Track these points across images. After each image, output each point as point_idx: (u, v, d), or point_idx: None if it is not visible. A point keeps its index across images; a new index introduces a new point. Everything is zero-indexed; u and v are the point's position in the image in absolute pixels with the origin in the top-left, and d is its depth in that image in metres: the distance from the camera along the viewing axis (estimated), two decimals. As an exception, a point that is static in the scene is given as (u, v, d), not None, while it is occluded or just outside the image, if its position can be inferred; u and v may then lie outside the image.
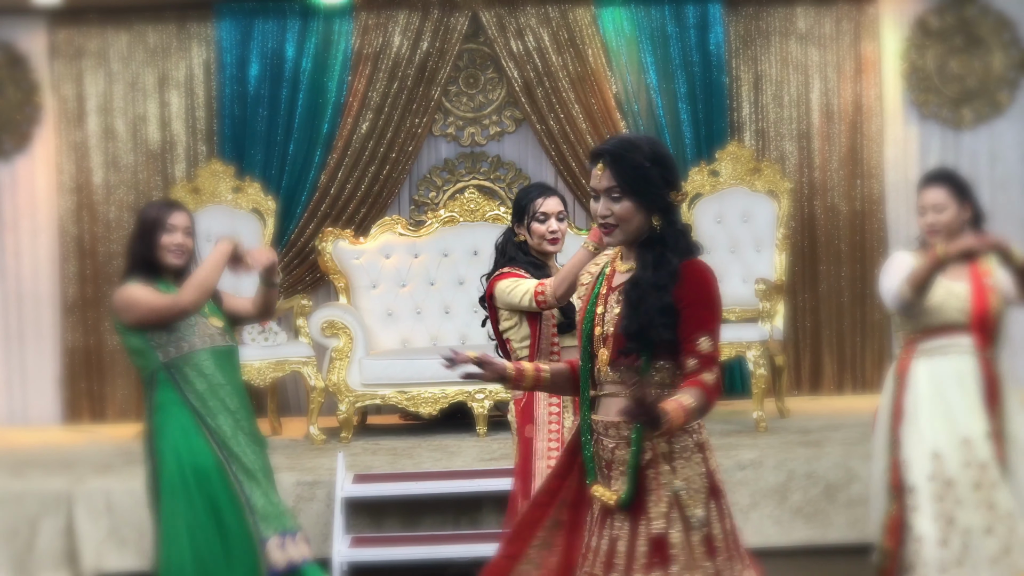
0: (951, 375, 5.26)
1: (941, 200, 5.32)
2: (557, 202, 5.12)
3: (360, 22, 9.81)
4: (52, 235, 9.87)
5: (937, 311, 5.26)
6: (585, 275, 3.91)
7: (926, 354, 5.31)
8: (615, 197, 3.70)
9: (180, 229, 5.26)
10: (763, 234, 9.21)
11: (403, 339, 9.14)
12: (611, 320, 3.74)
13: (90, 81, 9.93)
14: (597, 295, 3.80)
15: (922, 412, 5.24)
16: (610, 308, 3.76)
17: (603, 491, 3.74)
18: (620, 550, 3.71)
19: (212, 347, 5.26)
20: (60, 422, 9.83)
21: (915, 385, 5.29)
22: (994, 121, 9.96)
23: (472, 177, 10.08)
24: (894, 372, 5.42)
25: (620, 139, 3.83)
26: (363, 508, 7.21)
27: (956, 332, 5.28)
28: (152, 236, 5.23)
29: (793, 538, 7.15)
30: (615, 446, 3.76)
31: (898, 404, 5.32)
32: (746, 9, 10.00)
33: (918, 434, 5.21)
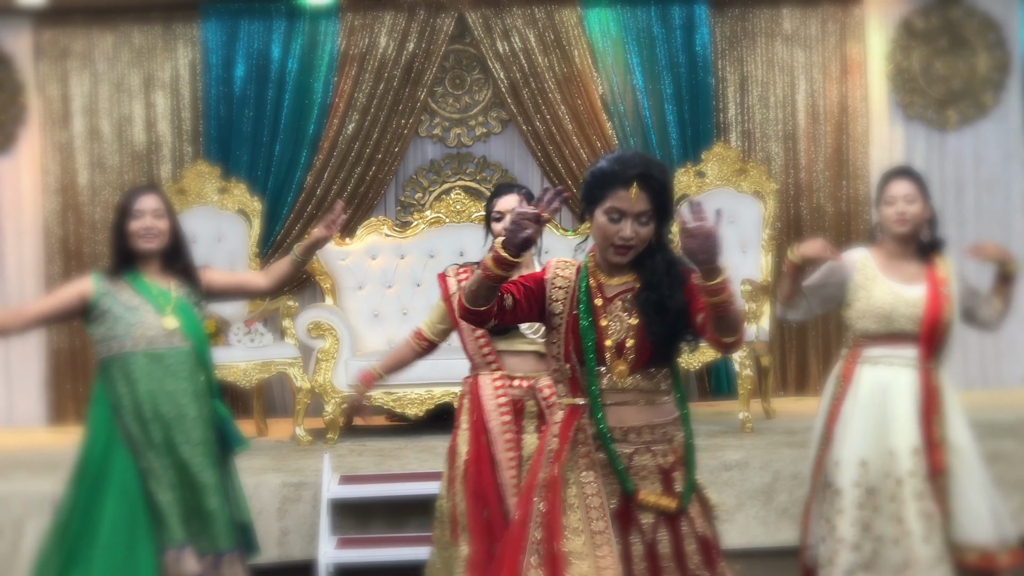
0: (890, 386, 5.28)
1: (911, 192, 5.34)
2: (513, 199, 5.09)
3: (346, 23, 9.80)
4: (37, 236, 9.85)
5: (886, 319, 5.28)
6: (556, 291, 3.86)
7: (870, 362, 5.34)
8: (644, 221, 3.74)
9: (148, 212, 5.18)
10: (749, 235, 9.22)
11: (389, 340, 9.13)
12: (624, 331, 3.76)
13: (75, 82, 9.92)
14: (590, 308, 3.79)
15: (857, 419, 5.28)
16: (617, 320, 3.77)
17: (658, 498, 3.77)
18: (663, 552, 3.76)
19: (149, 350, 5.19)
20: (45, 424, 9.81)
21: (855, 391, 5.32)
22: (979, 122, 9.99)
23: (458, 178, 10.09)
24: (838, 374, 5.44)
25: (648, 160, 3.77)
26: (349, 509, 7.20)
27: (903, 342, 5.29)
28: (122, 224, 5.20)
29: (779, 539, 7.15)
30: (634, 451, 3.79)
31: (836, 406, 5.37)
32: (732, 10, 10.02)
33: (851, 439, 5.26)
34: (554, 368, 3.87)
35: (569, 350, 3.80)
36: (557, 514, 3.75)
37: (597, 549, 3.71)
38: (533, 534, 3.77)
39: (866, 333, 5.34)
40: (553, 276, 3.88)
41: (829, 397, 5.44)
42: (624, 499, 3.79)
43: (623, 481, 3.76)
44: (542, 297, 3.85)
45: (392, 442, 8.42)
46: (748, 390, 8.37)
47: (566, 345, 3.80)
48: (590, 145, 9.73)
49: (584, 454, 3.80)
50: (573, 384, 3.83)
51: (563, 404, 3.86)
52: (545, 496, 3.79)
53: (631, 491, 3.76)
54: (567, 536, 3.72)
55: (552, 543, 3.73)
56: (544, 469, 3.84)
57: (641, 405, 3.80)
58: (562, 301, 3.83)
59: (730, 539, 7.04)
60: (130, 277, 5.22)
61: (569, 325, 3.81)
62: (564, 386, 3.86)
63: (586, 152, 9.71)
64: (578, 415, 3.82)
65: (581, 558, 3.70)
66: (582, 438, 3.80)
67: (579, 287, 3.83)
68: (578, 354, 3.78)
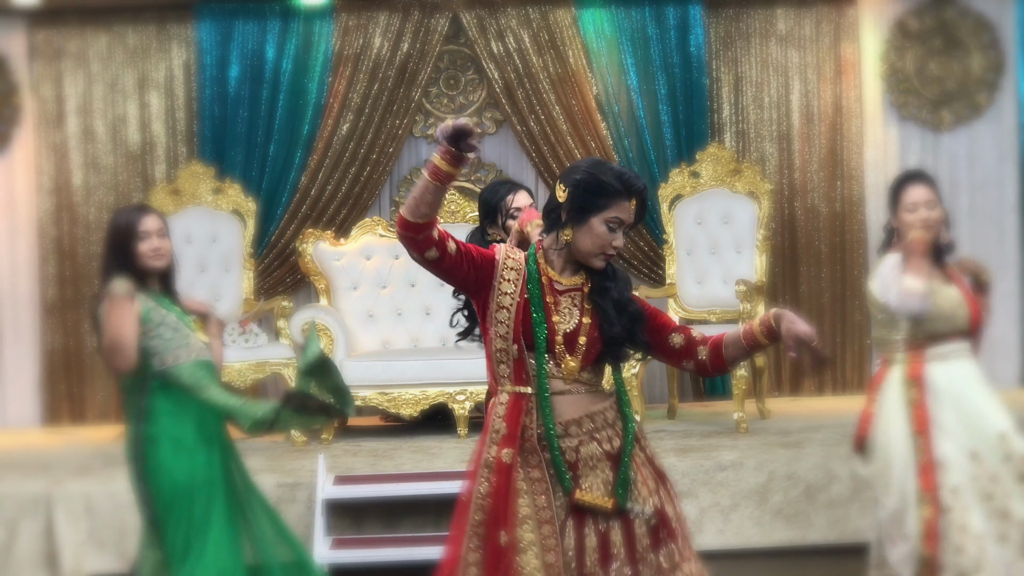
0: (966, 377, 5.27)
1: (931, 197, 5.33)
2: (527, 196, 5.11)
3: (340, 23, 9.80)
4: (31, 236, 9.83)
5: (950, 318, 5.26)
6: (508, 271, 3.94)
7: (938, 359, 5.27)
8: (627, 232, 3.93)
9: (154, 233, 5.19)
10: (743, 235, 9.22)
11: (384, 340, 9.13)
12: (574, 328, 3.89)
13: (69, 82, 9.90)
14: (541, 303, 3.89)
15: (949, 414, 5.21)
16: (567, 317, 3.90)
17: (593, 498, 3.83)
18: (615, 540, 3.83)
19: (198, 359, 5.21)
20: (39, 424, 9.79)
21: (936, 388, 5.24)
22: (973, 123, 9.99)
23: (452, 179, 10.06)
24: (906, 377, 5.27)
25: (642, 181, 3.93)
26: (344, 510, 7.20)
27: (960, 337, 5.32)
28: (128, 246, 5.17)
29: (773, 539, 7.15)
30: (579, 444, 3.88)
31: (920, 409, 5.22)
32: (726, 11, 10.02)
33: (951, 436, 5.18)
34: (499, 348, 3.91)
35: (519, 332, 3.88)
36: (502, 499, 3.82)
37: (544, 540, 3.80)
38: (473, 516, 3.88)
39: (933, 334, 5.27)
40: (505, 258, 3.97)
41: (902, 403, 5.26)
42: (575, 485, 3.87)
43: (561, 479, 3.84)
44: (488, 274, 3.93)
45: (387, 443, 8.42)
46: (743, 390, 8.37)
47: (516, 327, 3.88)
48: (584, 145, 9.73)
49: (530, 448, 3.88)
50: (518, 366, 3.90)
51: (508, 391, 3.91)
52: (488, 478, 3.87)
53: (568, 490, 3.84)
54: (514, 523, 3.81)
55: (493, 527, 3.82)
56: (489, 449, 3.91)
57: (579, 394, 3.91)
58: (513, 282, 3.92)
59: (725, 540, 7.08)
60: (151, 295, 5.21)
61: (520, 308, 3.89)
62: (507, 367, 3.91)
63: (581, 152, 9.71)
64: (523, 403, 3.88)
65: (529, 546, 3.80)
66: (528, 431, 3.87)
67: (529, 273, 3.94)
68: (527, 338, 3.88)
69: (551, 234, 3.96)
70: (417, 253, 3.85)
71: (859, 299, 9.89)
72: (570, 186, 3.88)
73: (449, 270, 3.89)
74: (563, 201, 3.89)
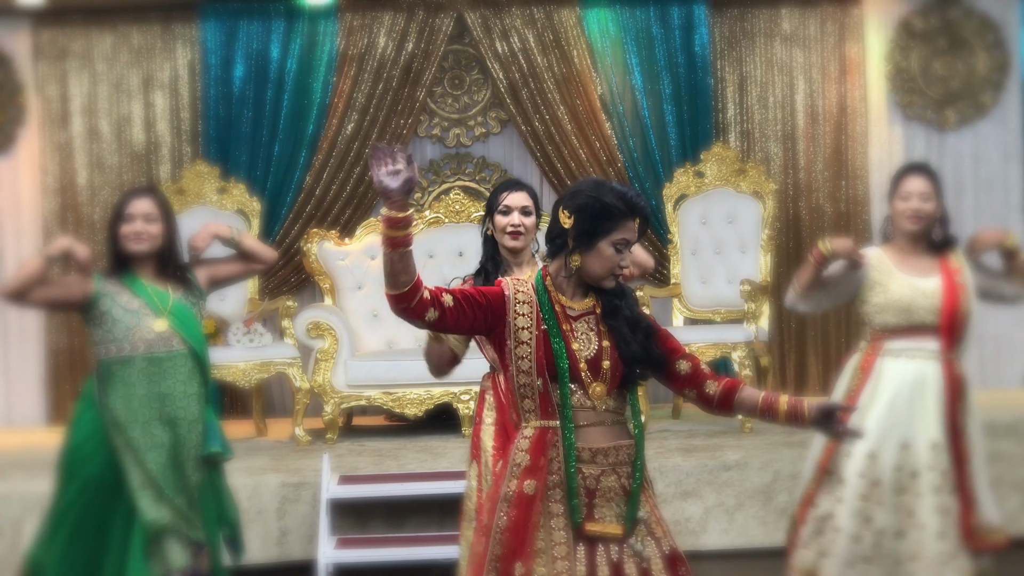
0: (913, 380, 5.28)
1: (928, 189, 5.33)
2: (524, 196, 5.04)
3: (345, 23, 9.80)
4: (36, 236, 9.84)
5: (906, 311, 5.29)
6: (521, 305, 3.88)
7: (892, 354, 5.33)
8: (629, 248, 3.89)
9: (139, 216, 5.19)
10: (748, 235, 9.22)
11: (388, 340, 9.13)
12: (595, 352, 3.84)
13: (74, 82, 9.91)
14: (559, 332, 3.83)
15: (872, 410, 5.27)
16: (586, 343, 3.86)
17: (603, 527, 3.82)
18: (630, 572, 3.81)
19: (148, 353, 5.18)
20: (44, 423, 9.80)
21: (875, 382, 5.31)
22: (978, 123, 9.99)
23: (457, 178, 10.09)
24: (857, 365, 5.42)
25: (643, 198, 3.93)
26: (348, 509, 7.20)
27: (924, 334, 5.30)
28: (114, 227, 5.21)
29: (778, 539, 7.11)
30: (600, 473, 3.84)
31: (853, 397, 5.32)
32: (731, 11, 10.02)
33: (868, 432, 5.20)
34: (523, 383, 3.85)
35: (543, 365, 3.82)
36: (520, 531, 3.79)
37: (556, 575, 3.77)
38: (493, 550, 3.82)
39: (886, 327, 5.33)
40: (515, 292, 3.89)
41: (844, 390, 5.41)
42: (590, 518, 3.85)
43: (572, 512, 3.80)
44: (499, 310, 3.86)
45: (391, 442, 8.42)
46: (747, 390, 8.35)
47: (539, 360, 3.82)
48: (589, 145, 9.73)
49: (555, 483, 3.83)
50: (544, 399, 3.84)
51: (533, 426, 3.86)
52: (507, 511, 3.82)
53: (578, 523, 3.81)
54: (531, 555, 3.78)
55: (510, 560, 3.78)
56: (509, 483, 3.86)
57: (608, 426, 3.86)
58: (527, 316, 3.86)
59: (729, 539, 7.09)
60: (128, 279, 5.22)
61: (540, 341, 3.83)
62: (532, 401, 3.86)
63: (585, 152, 9.71)
64: (549, 436, 3.84)
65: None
66: (555, 463, 3.83)
67: (541, 303, 3.87)
68: (550, 371, 3.82)
69: (557, 260, 3.91)
70: (418, 320, 3.82)
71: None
72: (574, 212, 3.82)
73: (455, 323, 3.84)
74: (568, 227, 3.83)
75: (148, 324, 5.18)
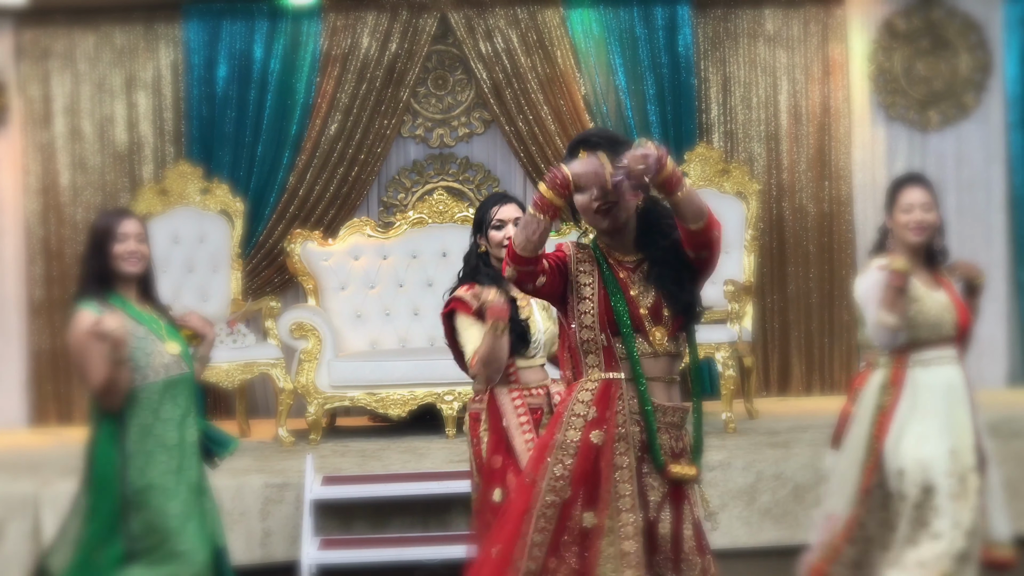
0: (946, 386, 5.26)
1: (928, 200, 5.31)
2: (514, 208, 5.14)
3: (328, 23, 9.79)
4: (18, 237, 9.81)
5: (935, 326, 5.24)
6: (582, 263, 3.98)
7: (921, 364, 5.27)
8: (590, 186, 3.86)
9: (132, 236, 5.10)
10: (732, 235, 9.21)
11: (372, 341, 9.12)
12: (652, 299, 3.93)
13: (57, 82, 9.88)
14: (617, 285, 3.93)
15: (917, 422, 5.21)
16: (644, 292, 3.95)
17: (681, 468, 3.93)
18: (663, 533, 3.90)
19: (166, 378, 5.10)
20: (27, 425, 9.77)
21: (912, 393, 5.24)
22: (960, 123, 10.02)
23: (441, 178, 10.08)
24: (886, 382, 5.30)
25: (594, 127, 3.98)
26: (332, 510, 7.20)
27: (945, 344, 5.29)
28: (104, 247, 5.11)
29: (761, 539, 7.17)
30: (658, 428, 3.93)
31: (887, 413, 5.24)
32: (714, 11, 10.03)
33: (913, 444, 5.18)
34: (586, 339, 3.94)
35: (604, 320, 3.92)
36: (590, 480, 3.86)
37: (621, 528, 3.84)
38: (544, 497, 3.87)
39: (916, 341, 5.25)
40: (575, 252, 4.02)
41: (873, 407, 5.30)
42: (639, 474, 3.90)
43: (655, 456, 3.89)
44: (566, 273, 3.98)
45: (375, 443, 8.42)
46: (731, 390, 8.38)
47: (601, 316, 3.92)
48: (573, 146, 9.72)
49: (620, 435, 3.90)
50: (608, 353, 3.94)
51: (595, 378, 3.94)
52: (567, 460, 3.88)
53: (661, 466, 3.90)
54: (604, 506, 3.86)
55: (570, 509, 3.85)
56: (566, 432, 3.92)
57: (664, 383, 3.97)
58: (589, 272, 3.97)
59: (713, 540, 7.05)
60: (118, 303, 5.12)
61: (601, 296, 3.93)
62: (596, 356, 3.95)
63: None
64: (614, 389, 3.93)
65: (606, 532, 3.84)
66: (621, 415, 3.91)
67: (599, 262, 3.98)
68: (612, 325, 3.92)
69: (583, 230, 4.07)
70: (531, 283, 3.91)
71: (847, 299, 9.89)
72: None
73: (548, 289, 3.95)
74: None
75: (160, 348, 5.12)
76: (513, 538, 3.90)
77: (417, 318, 9.15)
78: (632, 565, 3.82)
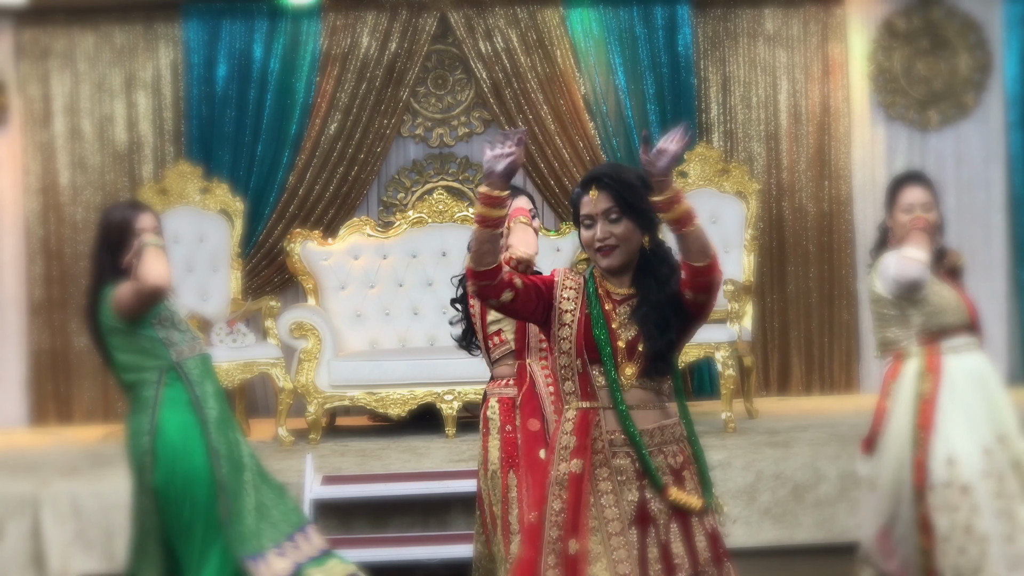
0: (979, 373, 5.26)
1: (928, 199, 5.31)
2: (524, 200, 5.10)
3: (328, 23, 9.79)
4: (18, 236, 9.81)
5: (956, 311, 5.26)
6: (567, 290, 3.97)
7: (953, 351, 5.26)
8: (614, 219, 3.89)
9: (150, 231, 5.14)
10: (731, 235, 9.23)
11: (372, 340, 9.12)
12: (634, 336, 3.90)
13: (56, 81, 9.88)
14: (600, 314, 3.91)
15: (960, 408, 5.17)
16: (628, 326, 3.91)
17: (686, 497, 3.90)
18: (676, 551, 3.88)
19: (201, 353, 5.23)
20: (26, 424, 9.76)
21: (951, 380, 5.20)
22: (960, 123, 10.01)
23: (440, 178, 10.08)
24: (922, 369, 5.24)
25: (608, 165, 4.01)
26: (332, 510, 7.19)
27: (966, 331, 5.30)
28: (124, 243, 5.10)
29: (761, 539, 7.16)
30: (649, 453, 3.89)
31: (929, 401, 5.18)
32: (714, 11, 10.03)
33: (961, 431, 5.14)
34: (563, 364, 3.95)
35: (582, 346, 3.91)
36: (576, 511, 3.86)
37: (613, 552, 3.82)
38: (549, 533, 3.88)
39: (944, 327, 5.25)
40: (563, 278, 4.01)
41: (913, 395, 5.23)
42: (641, 502, 3.88)
43: (653, 479, 3.87)
44: (549, 297, 3.96)
45: (374, 443, 8.41)
46: (731, 390, 8.38)
47: (578, 342, 3.91)
48: (572, 145, 9.74)
49: (600, 461, 3.90)
50: (583, 380, 3.93)
51: (575, 407, 3.94)
52: (560, 495, 3.89)
53: (661, 487, 3.87)
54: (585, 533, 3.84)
55: (566, 542, 3.84)
56: (558, 467, 3.93)
57: (650, 408, 3.93)
58: (573, 300, 3.96)
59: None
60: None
61: (581, 323, 3.92)
62: (572, 383, 3.95)
63: (568, 152, 9.71)
64: (591, 417, 3.92)
65: (597, 558, 3.82)
66: (599, 442, 3.90)
67: (588, 291, 3.96)
68: (590, 352, 3.90)
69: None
70: (495, 299, 3.89)
71: (847, 299, 9.91)
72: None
73: (523, 306, 3.94)
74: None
75: (189, 328, 5.23)
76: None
77: (417, 318, 9.15)
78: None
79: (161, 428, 5.06)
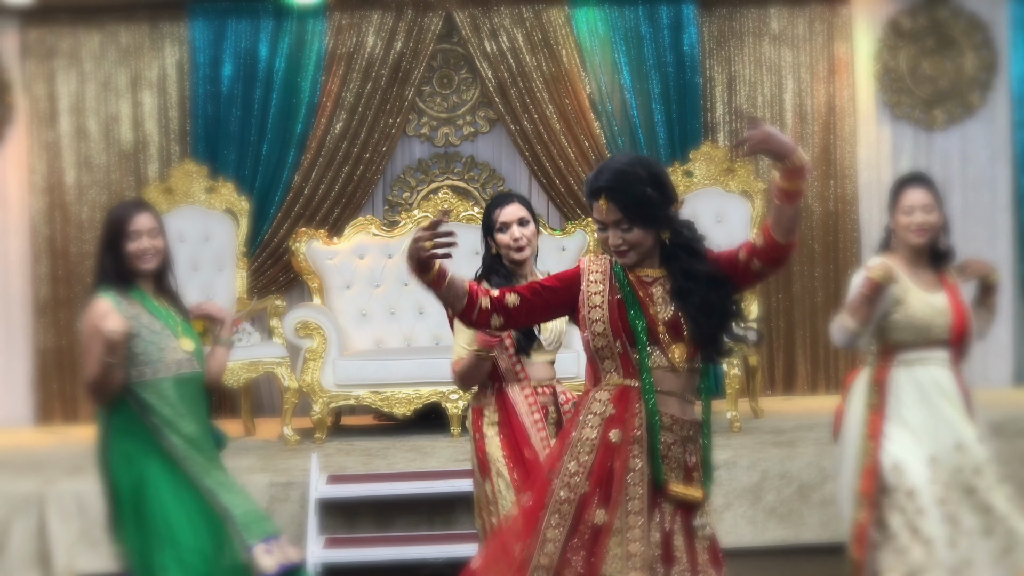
0: (933, 384, 5.23)
1: (929, 200, 5.29)
2: (516, 208, 5.03)
3: (334, 22, 9.79)
4: (24, 236, 9.82)
5: (924, 329, 5.21)
6: (594, 274, 4.00)
7: (906, 364, 5.25)
8: (625, 228, 3.91)
9: (144, 233, 5.01)
10: (737, 234, 9.20)
11: (377, 340, 9.12)
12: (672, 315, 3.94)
13: (62, 81, 9.89)
14: (636, 299, 3.93)
15: (912, 418, 5.20)
16: (664, 306, 3.95)
17: (685, 489, 3.93)
18: (677, 544, 3.90)
19: (177, 375, 5.01)
20: (32, 423, 9.78)
21: (899, 392, 5.23)
22: (966, 122, 10.01)
23: (446, 177, 10.08)
24: (871, 380, 5.31)
25: (615, 171, 3.93)
26: (337, 509, 7.20)
27: (934, 347, 5.26)
28: (117, 245, 5.01)
29: (767, 538, 7.16)
30: (673, 442, 3.95)
31: (877, 412, 5.24)
32: (720, 10, 10.03)
33: (908, 439, 5.17)
34: (600, 345, 3.95)
35: (617, 327, 3.92)
36: (605, 478, 3.87)
37: (629, 530, 3.85)
38: (557, 492, 3.89)
39: (902, 343, 5.25)
40: (588, 265, 4.04)
41: (863, 406, 5.29)
42: (651, 485, 3.90)
43: (656, 471, 3.89)
44: (577, 285, 4.00)
45: (380, 442, 8.42)
46: (736, 389, 8.38)
47: (613, 322, 3.93)
48: (578, 145, 9.74)
49: (636, 438, 3.90)
50: (624, 360, 3.94)
51: (614, 383, 3.95)
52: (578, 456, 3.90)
53: (661, 482, 3.89)
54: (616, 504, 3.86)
55: (586, 505, 3.86)
56: (583, 431, 3.93)
57: (679, 399, 3.98)
58: (600, 282, 3.99)
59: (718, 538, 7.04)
60: (138, 296, 5.06)
61: (613, 306, 3.94)
62: (612, 361, 3.96)
63: (574, 151, 9.71)
64: (631, 393, 3.93)
65: (617, 531, 3.85)
66: (637, 418, 3.91)
67: (615, 272, 3.99)
68: (627, 334, 3.92)
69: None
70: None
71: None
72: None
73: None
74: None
75: (174, 344, 5.06)
76: (528, 534, 3.92)
77: (422, 317, 9.16)
78: (637, 567, 3.82)
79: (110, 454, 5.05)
